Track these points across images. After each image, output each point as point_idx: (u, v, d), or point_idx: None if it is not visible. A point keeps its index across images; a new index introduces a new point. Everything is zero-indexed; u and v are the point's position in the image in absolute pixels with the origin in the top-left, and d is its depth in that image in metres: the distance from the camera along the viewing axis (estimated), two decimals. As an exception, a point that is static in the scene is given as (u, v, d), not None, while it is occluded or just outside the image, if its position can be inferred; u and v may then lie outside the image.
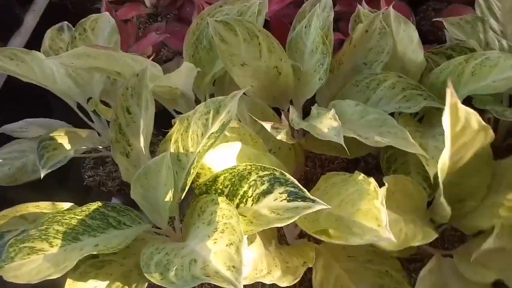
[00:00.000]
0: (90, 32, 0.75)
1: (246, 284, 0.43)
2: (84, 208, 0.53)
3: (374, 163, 0.77)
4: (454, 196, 0.53)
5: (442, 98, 0.60)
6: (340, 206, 0.50)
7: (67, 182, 0.90)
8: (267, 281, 0.49)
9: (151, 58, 0.66)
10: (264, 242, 0.54)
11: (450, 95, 0.46)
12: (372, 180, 0.49)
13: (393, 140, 0.51)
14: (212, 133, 0.51)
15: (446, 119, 0.47)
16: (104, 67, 0.61)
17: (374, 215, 0.46)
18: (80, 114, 0.77)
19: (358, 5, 0.69)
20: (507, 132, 0.71)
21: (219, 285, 0.38)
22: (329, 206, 0.43)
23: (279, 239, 0.72)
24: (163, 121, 0.66)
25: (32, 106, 0.96)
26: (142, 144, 0.57)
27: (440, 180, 0.49)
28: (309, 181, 0.78)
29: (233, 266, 0.38)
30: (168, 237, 0.57)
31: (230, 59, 0.61)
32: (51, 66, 0.71)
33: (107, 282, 0.50)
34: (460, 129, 0.48)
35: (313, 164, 0.82)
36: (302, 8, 0.69)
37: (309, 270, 0.55)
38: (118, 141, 0.58)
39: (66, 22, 0.82)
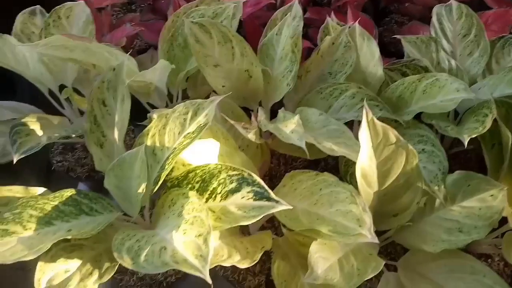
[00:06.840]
0: (65, 20, 0.75)
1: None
2: (57, 194, 0.55)
3: (334, 163, 0.83)
4: (389, 210, 0.57)
5: (396, 111, 0.67)
6: (316, 205, 0.54)
7: (34, 165, 0.89)
8: (227, 264, 0.53)
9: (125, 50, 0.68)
10: (228, 233, 0.58)
11: (366, 112, 0.50)
12: (351, 187, 0.54)
13: (347, 151, 0.55)
14: (188, 133, 0.54)
15: (363, 132, 0.50)
16: (80, 59, 0.62)
17: (355, 216, 0.50)
18: (52, 100, 0.77)
19: (328, 17, 0.74)
20: (452, 142, 0.78)
21: (186, 271, 0.42)
22: (291, 207, 0.47)
23: (243, 230, 0.77)
24: (136, 113, 0.68)
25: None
26: (116, 136, 0.60)
27: (361, 188, 0.52)
28: (273, 178, 0.83)
29: (201, 255, 0.42)
30: (137, 224, 0.61)
31: (204, 59, 0.64)
32: (23, 52, 0.72)
33: (78, 264, 0.53)
34: (380, 142, 0.52)
35: (278, 162, 0.88)
36: (274, 16, 0.73)
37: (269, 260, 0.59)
38: (92, 131, 0.60)
39: (38, 6, 0.81)
